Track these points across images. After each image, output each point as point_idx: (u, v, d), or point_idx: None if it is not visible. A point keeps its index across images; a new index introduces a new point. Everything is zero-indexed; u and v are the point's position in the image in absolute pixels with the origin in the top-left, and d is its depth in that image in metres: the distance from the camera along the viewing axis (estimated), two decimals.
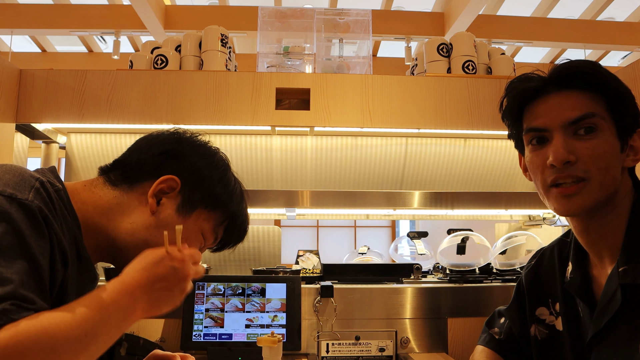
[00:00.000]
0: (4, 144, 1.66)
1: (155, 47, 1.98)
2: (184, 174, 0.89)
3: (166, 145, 0.92)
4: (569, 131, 0.87)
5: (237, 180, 0.99)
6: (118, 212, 0.86)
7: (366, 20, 2.14)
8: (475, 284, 1.79)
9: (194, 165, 0.91)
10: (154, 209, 0.87)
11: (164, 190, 0.88)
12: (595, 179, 0.85)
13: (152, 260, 0.78)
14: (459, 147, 2.11)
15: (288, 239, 7.54)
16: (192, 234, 0.90)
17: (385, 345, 1.67)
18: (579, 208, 0.87)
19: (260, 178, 2.07)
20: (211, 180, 0.92)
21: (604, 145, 0.85)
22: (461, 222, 2.40)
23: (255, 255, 2.02)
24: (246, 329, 1.57)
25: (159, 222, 0.87)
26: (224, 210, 0.93)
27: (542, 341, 1.04)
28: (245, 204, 1.00)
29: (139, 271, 0.77)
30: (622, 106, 0.88)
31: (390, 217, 2.41)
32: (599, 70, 0.89)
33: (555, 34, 4.31)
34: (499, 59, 1.99)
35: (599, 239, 0.91)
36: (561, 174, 0.86)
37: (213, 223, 0.93)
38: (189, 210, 0.89)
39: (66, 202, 0.81)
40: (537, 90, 0.91)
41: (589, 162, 0.85)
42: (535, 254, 1.13)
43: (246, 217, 0.99)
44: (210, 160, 0.94)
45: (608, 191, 0.87)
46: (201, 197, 0.90)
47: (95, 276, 0.90)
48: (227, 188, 0.94)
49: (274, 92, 1.76)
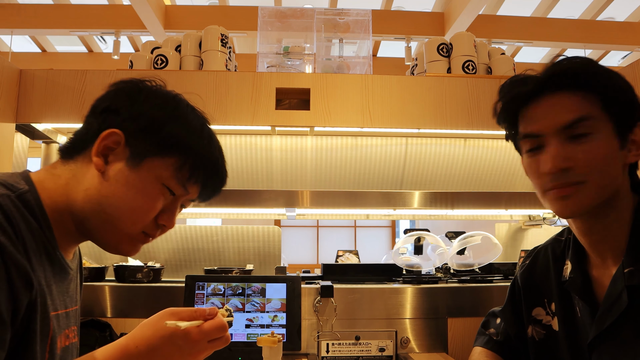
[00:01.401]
0: (4, 144, 1.66)
1: (155, 47, 1.98)
2: (126, 125, 0.81)
3: (107, 101, 0.84)
4: (564, 135, 0.85)
5: (198, 118, 0.88)
6: (74, 185, 0.81)
7: (366, 20, 2.14)
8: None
9: (135, 112, 0.83)
10: (101, 168, 0.80)
11: (110, 147, 0.81)
12: (593, 182, 0.84)
13: (161, 335, 0.76)
14: (459, 147, 2.11)
15: (288, 239, 7.54)
16: (150, 186, 0.81)
17: (385, 345, 1.67)
18: (577, 210, 0.86)
19: (260, 178, 2.07)
20: (157, 124, 0.82)
21: (600, 148, 0.84)
22: (461, 222, 2.41)
23: (255, 255, 2.02)
24: (246, 329, 1.57)
25: (110, 181, 0.80)
26: (180, 153, 0.82)
27: (540, 342, 1.03)
28: (215, 143, 0.88)
29: (145, 340, 0.75)
30: (619, 103, 0.86)
31: (390, 217, 2.41)
32: (593, 69, 0.87)
33: (555, 34, 4.32)
34: (499, 59, 1.99)
35: (601, 239, 0.91)
36: (558, 181, 0.85)
37: (172, 169, 0.82)
38: (139, 160, 0.81)
39: (33, 204, 0.77)
40: (530, 94, 0.89)
41: (585, 167, 0.84)
42: (530, 254, 1.12)
43: (216, 157, 0.87)
44: (154, 102, 0.84)
45: (607, 192, 0.86)
46: (150, 143, 0.81)
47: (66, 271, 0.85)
48: (178, 127, 0.83)
49: (274, 92, 1.76)
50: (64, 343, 0.83)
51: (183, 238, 1.96)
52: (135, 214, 0.81)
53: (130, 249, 0.85)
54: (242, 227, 2.02)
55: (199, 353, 0.79)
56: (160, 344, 0.76)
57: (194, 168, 0.84)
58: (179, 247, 1.96)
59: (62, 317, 0.82)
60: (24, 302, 0.70)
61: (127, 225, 0.81)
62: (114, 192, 0.79)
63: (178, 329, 0.76)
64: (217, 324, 0.79)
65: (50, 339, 0.77)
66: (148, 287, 1.74)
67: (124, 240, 0.83)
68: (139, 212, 0.81)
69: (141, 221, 0.82)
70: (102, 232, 0.82)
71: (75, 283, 0.91)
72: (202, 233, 1.98)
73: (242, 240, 2.01)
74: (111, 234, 0.82)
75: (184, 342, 0.76)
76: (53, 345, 0.78)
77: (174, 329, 0.76)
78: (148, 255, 1.99)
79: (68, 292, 0.86)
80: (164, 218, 0.85)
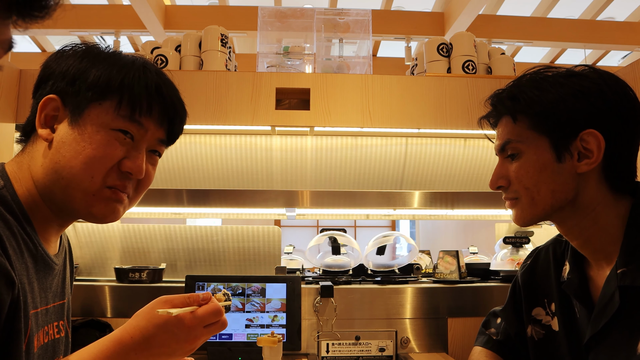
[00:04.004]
0: (4, 144, 1.66)
1: (155, 47, 1.98)
2: (57, 87, 0.79)
3: (39, 75, 0.83)
4: (503, 156, 0.97)
5: (128, 57, 0.84)
6: (33, 166, 0.80)
7: (366, 20, 2.14)
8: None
9: (61, 71, 0.80)
10: (48, 137, 0.78)
11: (51, 115, 0.79)
12: (525, 197, 0.92)
13: (155, 323, 0.75)
14: (459, 147, 2.11)
15: (288, 239, 7.53)
16: (98, 135, 0.78)
17: (385, 345, 1.67)
18: (522, 220, 0.94)
19: (260, 178, 2.07)
20: (82, 72, 0.79)
21: (527, 166, 0.91)
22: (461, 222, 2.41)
23: (255, 255, 2.02)
24: (246, 329, 1.57)
25: (58, 146, 0.78)
26: (113, 91, 0.79)
27: (539, 342, 1.04)
28: (150, 70, 0.84)
29: (140, 330, 0.74)
30: (550, 120, 0.89)
31: (390, 217, 2.40)
32: (523, 93, 0.92)
33: (555, 34, 4.31)
34: (499, 59, 1.99)
35: (585, 242, 0.92)
36: (503, 195, 0.97)
37: (112, 110, 0.79)
38: (78, 115, 0.78)
39: (9, 200, 0.75)
40: (488, 117, 1.01)
41: (516, 183, 0.93)
42: (531, 254, 1.12)
43: (154, 82, 0.83)
44: (77, 56, 0.81)
45: (545, 204, 0.90)
46: (82, 94, 0.78)
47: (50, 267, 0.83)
48: (104, 67, 0.80)
49: (274, 92, 1.76)
50: (43, 341, 0.82)
51: (183, 238, 1.96)
52: (90, 167, 0.77)
53: (104, 210, 0.80)
54: (242, 227, 2.02)
55: (196, 339, 0.78)
56: (155, 333, 0.75)
57: (134, 101, 0.80)
58: (179, 247, 1.96)
59: (41, 314, 0.81)
60: (6, 301, 0.69)
61: (87, 182, 0.77)
62: (64, 155, 0.77)
63: (171, 316, 0.75)
64: (211, 308, 0.79)
65: (28, 338, 0.75)
66: (148, 287, 1.74)
67: (92, 201, 0.79)
68: (92, 163, 0.77)
69: (98, 172, 0.78)
70: (68, 200, 0.79)
71: (61, 277, 0.89)
72: (202, 233, 1.98)
73: (242, 240, 2.01)
74: (77, 198, 0.78)
75: (178, 329, 0.76)
76: (30, 345, 0.76)
77: (167, 317, 0.75)
78: (148, 255, 1.99)
79: (51, 287, 0.84)
80: (127, 165, 0.80)
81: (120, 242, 1.95)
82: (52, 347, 0.85)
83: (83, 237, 1.95)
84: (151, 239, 1.95)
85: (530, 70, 0.95)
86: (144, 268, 1.78)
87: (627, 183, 0.91)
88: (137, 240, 1.95)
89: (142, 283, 1.76)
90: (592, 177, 0.89)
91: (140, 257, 1.95)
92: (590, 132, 0.86)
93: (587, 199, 0.89)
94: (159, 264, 1.88)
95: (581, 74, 0.90)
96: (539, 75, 0.93)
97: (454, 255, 1.79)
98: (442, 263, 1.82)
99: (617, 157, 0.88)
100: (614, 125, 0.87)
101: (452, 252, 1.81)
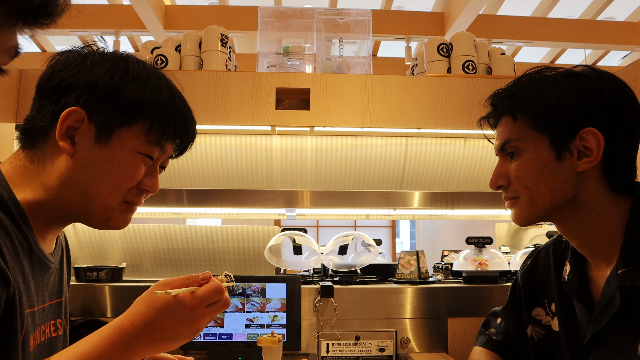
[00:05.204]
0: (4, 144, 1.66)
1: (155, 47, 1.98)
2: (83, 100, 0.77)
3: (54, 78, 0.79)
4: (502, 156, 0.97)
5: (152, 72, 0.83)
6: (46, 174, 0.78)
7: (366, 20, 2.14)
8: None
9: (88, 84, 0.77)
10: (69, 151, 0.76)
11: (73, 127, 0.77)
12: (525, 196, 0.92)
13: (155, 307, 0.73)
14: (459, 147, 2.11)
15: None
16: (127, 159, 0.79)
17: (385, 345, 1.67)
18: (521, 220, 0.94)
19: (260, 178, 2.07)
20: (114, 91, 0.78)
21: (527, 164, 0.91)
22: (461, 222, 2.40)
23: (255, 255, 2.02)
24: (246, 329, 1.57)
25: (83, 163, 0.77)
26: (146, 116, 0.79)
27: (539, 342, 1.04)
28: (176, 93, 0.85)
29: (141, 315, 0.73)
30: (548, 119, 0.89)
31: (390, 217, 2.40)
32: (523, 93, 0.92)
33: (555, 34, 4.31)
34: (499, 59, 1.99)
35: (584, 242, 0.92)
36: (504, 194, 0.97)
37: (142, 135, 0.79)
38: (107, 136, 0.77)
39: (5, 200, 0.74)
40: (488, 118, 1.01)
41: (516, 183, 0.93)
42: (531, 254, 1.12)
43: (182, 108, 0.85)
44: (103, 68, 0.79)
45: (545, 203, 0.90)
46: (113, 114, 0.77)
47: (46, 265, 0.83)
48: (137, 89, 0.79)
49: (274, 92, 1.76)
50: (39, 339, 0.81)
51: (183, 238, 1.96)
52: (116, 189, 0.79)
53: (120, 222, 0.83)
54: (242, 227, 2.02)
55: (199, 319, 0.76)
56: (156, 317, 0.73)
57: (164, 127, 0.81)
58: (179, 247, 1.96)
59: (37, 313, 0.80)
60: (2, 300, 0.69)
61: (110, 200, 0.79)
62: (89, 173, 0.77)
63: (170, 297, 0.73)
64: (212, 287, 0.76)
65: (23, 337, 0.75)
66: (148, 287, 1.74)
67: (111, 214, 0.81)
68: (119, 185, 0.79)
69: (122, 192, 0.80)
70: (88, 213, 0.80)
71: (57, 275, 0.88)
72: (202, 233, 1.98)
73: (242, 240, 2.01)
74: (97, 212, 0.80)
75: (180, 310, 0.74)
76: (25, 344, 0.75)
77: (167, 299, 0.73)
78: (149, 255, 2.00)
79: (48, 286, 0.84)
80: (147, 183, 0.83)
81: (120, 242, 1.95)
82: (49, 346, 0.85)
83: (83, 237, 1.95)
84: (151, 238, 1.95)
85: (530, 70, 0.95)
86: (103, 267, 1.77)
87: (627, 183, 0.91)
88: (137, 240, 1.95)
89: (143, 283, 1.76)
90: (591, 176, 0.89)
91: (141, 257, 1.95)
92: (589, 130, 0.87)
93: (587, 198, 0.89)
94: (159, 264, 1.88)
95: (580, 73, 0.91)
96: (539, 75, 0.93)
97: (414, 256, 1.80)
98: (402, 263, 1.82)
99: (617, 156, 0.88)
100: (613, 124, 0.87)
101: (413, 252, 1.81)
